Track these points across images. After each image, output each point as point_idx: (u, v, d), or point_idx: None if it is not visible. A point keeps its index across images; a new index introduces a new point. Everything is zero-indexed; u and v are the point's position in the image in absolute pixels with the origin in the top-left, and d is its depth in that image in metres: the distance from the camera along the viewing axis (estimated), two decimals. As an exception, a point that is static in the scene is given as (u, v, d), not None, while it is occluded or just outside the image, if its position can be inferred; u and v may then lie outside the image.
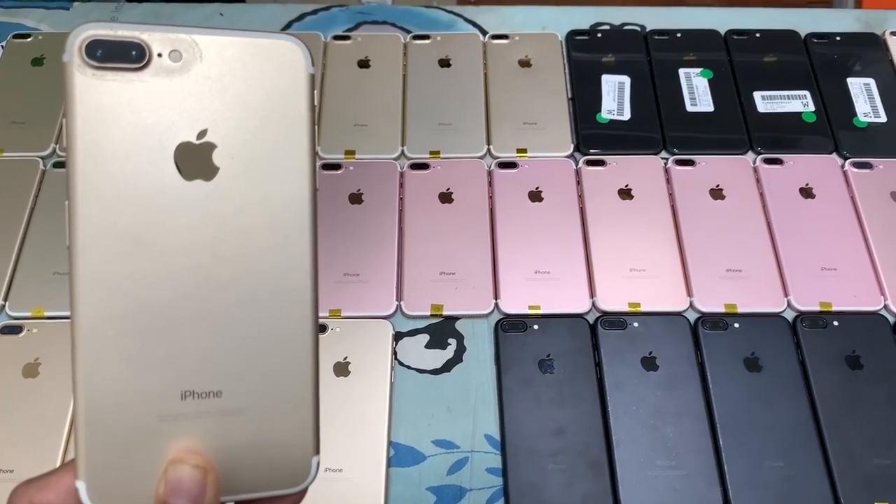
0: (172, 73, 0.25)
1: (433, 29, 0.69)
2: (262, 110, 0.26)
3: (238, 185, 0.26)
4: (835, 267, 0.56)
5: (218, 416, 0.26)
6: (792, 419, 0.50)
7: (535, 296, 0.55)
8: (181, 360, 0.25)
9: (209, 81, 0.25)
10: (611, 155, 0.61)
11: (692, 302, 0.55)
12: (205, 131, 0.25)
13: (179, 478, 0.25)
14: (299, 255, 0.26)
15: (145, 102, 0.25)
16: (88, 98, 0.24)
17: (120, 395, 0.25)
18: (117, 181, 0.25)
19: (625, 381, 0.52)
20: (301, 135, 0.26)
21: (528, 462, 0.49)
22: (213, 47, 0.25)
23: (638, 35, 0.69)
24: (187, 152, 0.25)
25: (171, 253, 0.25)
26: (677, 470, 0.49)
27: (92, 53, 0.24)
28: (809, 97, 0.64)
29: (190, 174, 0.25)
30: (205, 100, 0.25)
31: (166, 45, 0.25)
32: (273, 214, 0.26)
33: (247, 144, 0.26)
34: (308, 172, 0.26)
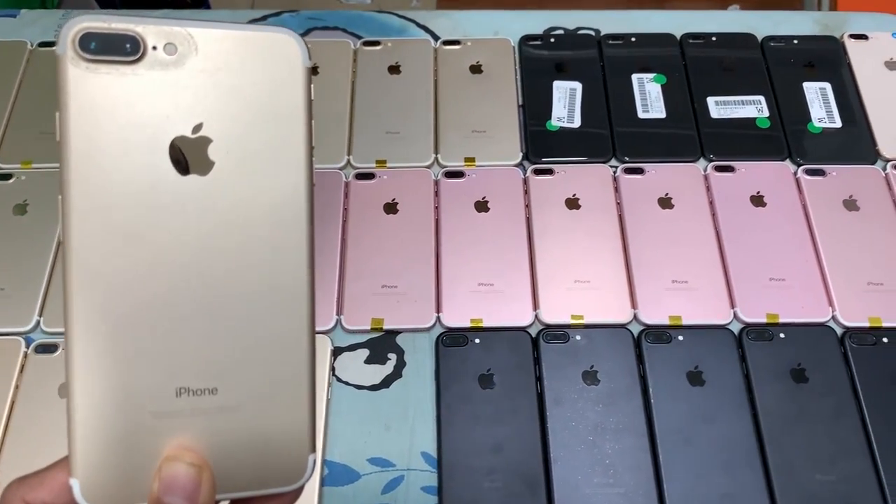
0: (167, 66, 0.24)
1: (385, 35, 0.68)
2: (259, 104, 0.25)
3: (234, 180, 0.25)
4: (783, 277, 0.55)
5: (213, 414, 0.25)
6: (734, 434, 0.49)
7: (478, 309, 0.54)
8: (176, 356, 0.25)
9: (204, 75, 0.25)
10: (560, 163, 0.60)
11: (636, 314, 0.54)
12: (200, 125, 0.25)
13: (174, 475, 0.25)
14: (296, 251, 0.26)
15: (140, 96, 0.24)
16: (82, 91, 0.24)
17: (114, 391, 0.25)
18: (111, 176, 0.24)
19: (565, 396, 0.51)
20: (298, 129, 0.26)
21: (464, 480, 0.48)
22: (209, 40, 0.25)
23: (592, 39, 0.67)
24: (182, 146, 0.25)
25: (166, 248, 0.25)
26: (615, 488, 0.48)
27: (86, 46, 0.24)
28: (764, 102, 0.63)
29: (184, 168, 0.25)
30: (200, 93, 0.25)
31: (161, 38, 0.24)
32: (269, 210, 0.25)
33: (243, 139, 0.25)
34: (305, 167, 0.26)
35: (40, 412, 0.50)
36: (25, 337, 0.53)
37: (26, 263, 0.56)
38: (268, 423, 0.26)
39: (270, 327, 0.26)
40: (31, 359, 0.52)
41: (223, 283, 0.25)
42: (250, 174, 0.25)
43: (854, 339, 0.52)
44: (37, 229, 0.57)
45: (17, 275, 0.55)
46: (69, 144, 0.24)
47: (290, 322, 0.26)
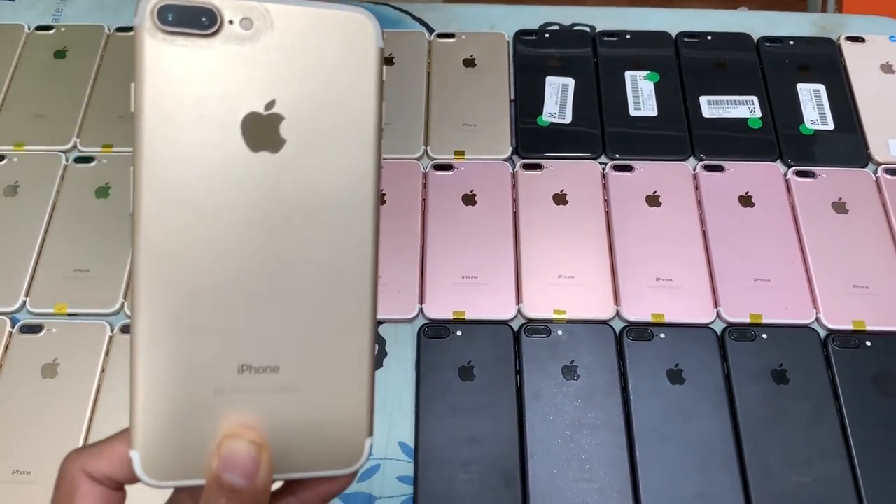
0: (243, 40, 0.24)
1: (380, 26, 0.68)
2: (332, 83, 0.25)
3: (304, 159, 0.25)
4: (768, 278, 0.55)
5: (274, 393, 0.25)
6: (712, 434, 0.49)
7: (461, 301, 0.54)
8: (239, 333, 0.25)
9: (279, 51, 0.25)
10: (549, 159, 0.60)
11: (619, 311, 0.54)
12: (273, 102, 0.25)
13: (233, 453, 0.24)
14: (362, 233, 0.26)
15: (214, 70, 0.24)
16: (158, 63, 0.24)
17: (177, 366, 0.25)
18: (183, 148, 0.24)
19: (543, 390, 0.51)
20: (369, 110, 0.25)
21: (440, 471, 0.48)
22: (285, 16, 0.25)
23: (587, 36, 0.67)
24: (255, 123, 0.25)
25: (234, 225, 0.25)
26: (591, 483, 0.48)
27: (163, 17, 0.24)
28: (757, 102, 0.63)
29: (256, 145, 0.25)
30: (274, 70, 0.25)
31: (238, 13, 0.24)
32: (338, 189, 0.25)
33: (315, 117, 0.25)
34: (374, 148, 0.26)
35: (22, 392, 0.50)
36: (11, 317, 0.53)
37: (14, 246, 0.56)
38: (327, 404, 0.26)
39: (333, 308, 0.26)
40: (16, 338, 0.52)
41: (289, 262, 0.25)
42: (320, 153, 0.25)
43: (837, 341, 0.52)
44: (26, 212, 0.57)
45: (4, 255, 0.56)
46: (143, 115, 0.24)
47: (353, 304, 0.26)
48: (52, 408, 0.50)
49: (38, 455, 0.48)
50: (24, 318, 0.54)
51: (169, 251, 0.24)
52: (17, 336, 0.53)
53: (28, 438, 0.49)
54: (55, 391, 0.50)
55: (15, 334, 0.53)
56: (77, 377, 0.51)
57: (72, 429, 0.49)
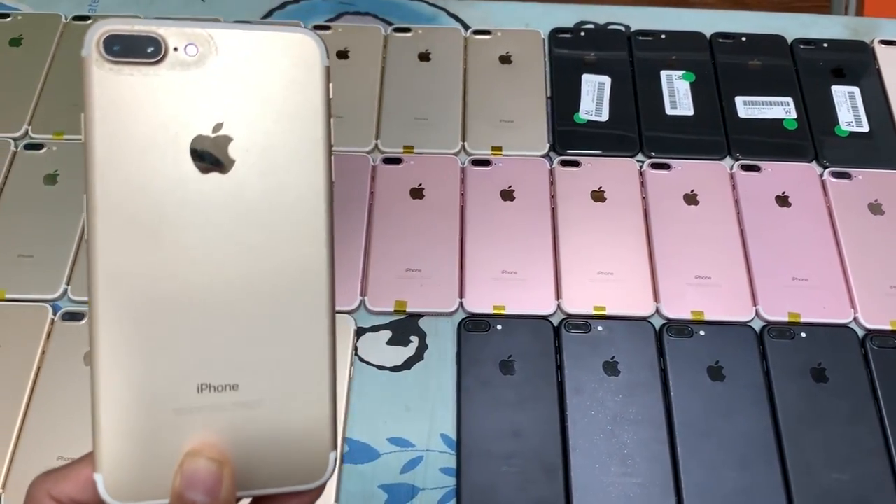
0: (188, 66, 0.25)
1: (415, 22, 0.68)
2: (278, 103, 0.26)
3: (254, 178, 0.26)
4: (806, 277, 0.55)
5: (234, 410, 0.26)
6: (752, 430, 0.50)
7: (501, 296, 0.54)
8: (197, 353, 0.25)
9: (225, 75, 0.25)
10: (586, 156, 0.60)
11: (658, 308, 0.54)
12: (220, 124, 0.25)
13: (194, 470, 0.25)
14: (315, 249, 0.26)
15: (161, 96, 0.25)
16: (106, 92, 0.25)
17: (136, 388, 0.25)
18: (134, 174, 0.25)
19: (585, 386, 0.51)
20: (316, 128, 0.26)
21: (482, 464, 0.48)
22: (229, 41, 0.25)
23: (622, 35, 0.68)
24: (203, 145, 0.25)
25: (188, 246, 0.25)
26: (633, 478, 0.48)
27: (109, 48, 0.25)
28: (792, 104, 0.63)
29: (206, 167, 0.25)
30: (220, 93, 0.25)
31: (182, 40, 0.25)
32: (289, 207, 0.26)
33: (263, 137, 0.26)
34: (323, 165, 0.26)
35: (66, 379, 0.51)
36: (52, 304, 0.54)
37: (56, 232, 0.56)
38: (289, 420, 0.26)
39: (291, 324, 0.26)
40: (58, 326, 0.52)
41: (244, 280, 0.26)
42: (270, 172, 0.26)
43: (875, 341, 0.52)
44: (66, 199, 0.58)
45: (47, 243, 0.56)
46: (93, 144, 0.25)
47: (311, 320, 0.26)
48: None
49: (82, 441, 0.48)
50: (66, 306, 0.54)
51: (124, 276, 0.25)
52: (58, 323, 0.53)
53: (72, 424, 0.49)
54: None
55: (57, 321, 0.53)
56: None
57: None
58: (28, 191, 0.58)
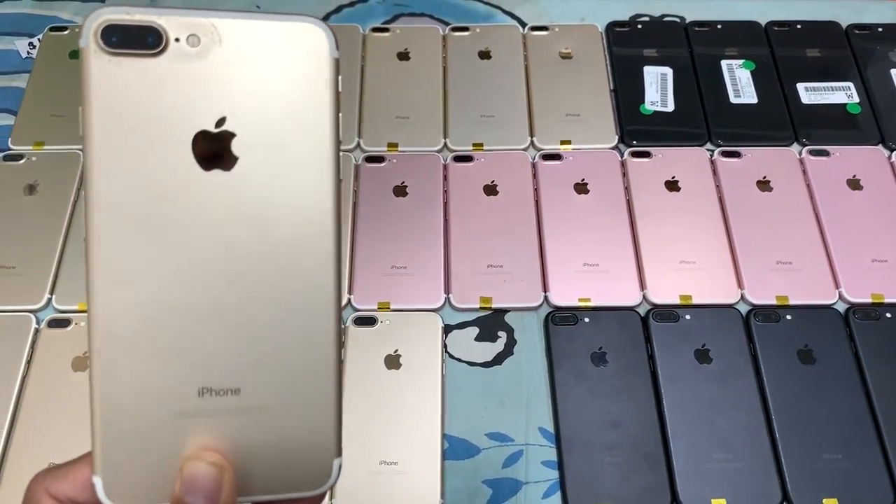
0: (190, 58, 0.24)
1: (471, 20, 0.69)
2: (284, 97, 0.24)
3: (258, 176, 0.24)
4: (885, 259, 0.56)
5: (236, 414, 0.25)
6: (848, 411, 0.50)
7: (585, 288, 0.55)
8: (199, 356, 0.24)
9: (229, 67, 0.24)
10: (656, 146, 0.61)
11: (743, 294, 0.54)
12: (223, 119, 0.24)
13: (195, 475, 0.24)
14: (322, 250, 0.25)
15: (162, 89, 0.24)
16: (104, 84, 0.24)
17: (136, 390, 0.24)
18: (134, 170, 0.24)
19: (678, 374, 0.51)
20: (324, 123, 0.25)
21: (584, 455, 0.49)
22: (233, 31, 0.24)
23: (678, 26, 0.68)
24: (205, 141, 0.24)
25: (189, 246, 0.24)
26: (734, 462, 0.48)
27: (108, 39, 0.23)
28: (853, 88, 0.64)
29: (208, 164, 0.24)
30: (224, 86, 0.24)
31: (184, 30, 0.24)
32: (295, 206, 0.25)
33: (268, 133, 0.24)
34: (331, 163, 0.25)
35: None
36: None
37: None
38: (292, 425, 0.25)
39: (295, 327, 0.25)
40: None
41: (247, 281, 0.25)
42: (276, 170, 0.24)
43: (961, 319, 0.53)
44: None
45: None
46: (92, 138, 0.24)
47: (316, 322, 0.25)
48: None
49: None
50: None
51: (123, 275, 0.24)
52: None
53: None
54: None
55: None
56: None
57: None
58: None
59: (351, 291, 0.54)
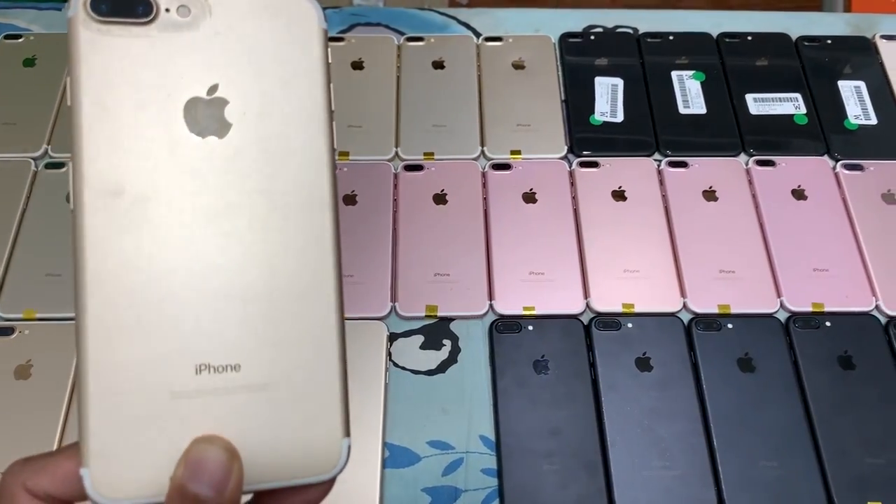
0: (181, 27, 0.24)
1: (427, 31, 0.69)
2: (276, 65, 0.24)
3: (252, 143, 0.24)
4: (827, 268, 0.56)
5: (236, 394, 0.23)
6: (785, 419, 0.51)
7: (530, 297, 0.55)
8: (194, 330, 0.23)
9: (219, 36, 0.24)
10: (604, 157, 0.61)
11: (685, 303, 0.55)
12: (216, 86, 0.24)
13: (202, 459, 0.22)
14: (319, 215, 0.24)
15: (153, 58, 0.24)
16: (93, 54, 0.23)
17: (128, 370, 0.23)
18: (124, 138, 0.23)
19: (619, 382, 0.52)
20: (316, 89, 0.25)
21: (523, 463, 0.49)
22: (223, 1, 0.24)
23: (630, 37, 0.69)
24: (198, 108, 0.24)
25: (182, 214, 0.23)
26: (672, 470, 0.49)
27: (97, 7, 0.23)
28: (801, 100, 0.65)
29: (202, 131, 0.24)
30: (215, 54, 0.24)
31: (174, 1, 0.24)
32: (290, 173, 0.24)
33: (260, 100, 0.24)
34: (325, 128, 0.25)
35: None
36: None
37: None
38: (296, 403, 0.24)
39: (296, 299, 0.24)
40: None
41: (243, 252, 0.24)
42: (269, 136, 0.24)
43: (899, 327, 0.54)
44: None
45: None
46: (81, 107, 0.23)
47: (317, 294, 0.24)
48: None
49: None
50: None
51: (113, 246, 0.23)
52: None
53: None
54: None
55: None
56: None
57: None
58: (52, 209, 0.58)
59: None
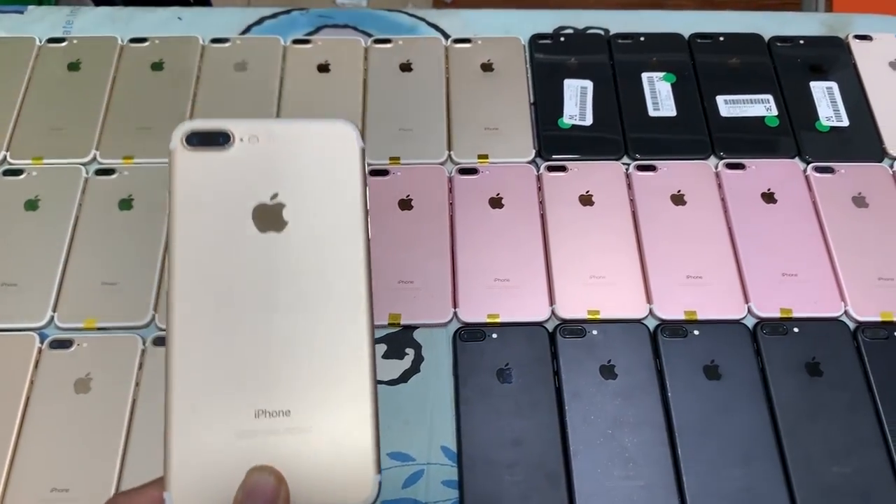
0: (251, 151, 0.31)
1: (395, 33, 0.68)
2: (323, 176, 0.31)
3: (304, 236, 0.31)
4: (796, 273, 0.56)
5: (287, 434, 0.29)
6: (751, 428, 0.50)
7: (495, 304, 0.54)
8: (256, 383, 0.30)
9: (279, 156, 0.32)
10: (572, 160, 0.61)
11: (652, 309, 0.54)
12: (276, 194, 0.31)
13: (256, 482, 0.28)
14: (355, 293, 0.31)
15: (230, 174, 0.31)
16: (186, 172, 0.31)
17: (205, 415, 0.29)
18: (207, 233, 0.31)
19: (583, 390, 0.51)
20: (355, 195, 0.32)
21: (485, 474, 0.48)
22: (283, 130, 0.32)
23: (601, 39, 0.68)
24: (263, 211, 0.31)
25: (249, 292, 0.30)
26: (635, 480, 0.48)
27: (190, 140, 0.31)
28: (773, 101, 0.64)
29: (265, 227, 0.31)
30: (276, 170, 0.31)
31: (246, 132, 0.32)
32: (334, 258, 0.31)
33: (311, 204, 0.31)
34: (361, 224, 0.31)
35: (56, 408, 0.50)
36: (39, 332, 0.53)
37: (38, 261, 0.55)
38: (335, 443, 0.29)
39: (336, 357, 0.30)
40: (46, 354, 0.52)
41: (295, 320, 0.30)
42: (318, 231, 0.31)
43: (867, 333, 0.53)
44: (48, 226, 0.57)
45: (30, 270, 0.55)
46: (175, 211, 0.31)
47: (353, 353, 0.30)
48: (87, 423, 0.49)
49: (75, 472, 0.48)
50: (53, 333, 0.53)
51: (197, 317, 0.30)
52: (46, 352, 0.52)
53: (64, 455, 0.48)
54: (89, 406, 0.50)
55: (45, 350, 0.52)
56: (111, 391, 0.50)
57: (109, 443, 0.49)
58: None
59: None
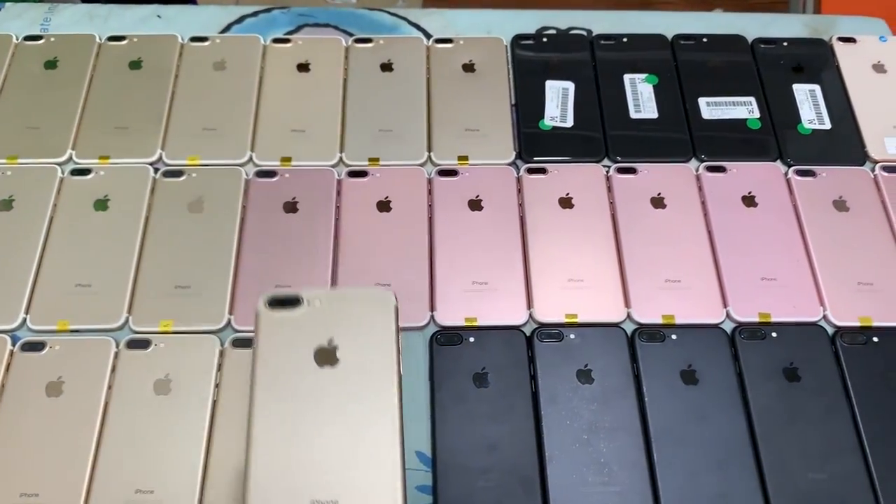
0: (315, 309, 0.42)
1: (376, 32, 0.68)
2: (367, 326, 0.42)
3: (352, 370, 0.41)
4: (775, 277, 0.55)
5: None
6: (728, 433, 0.50)
7: (472, 308, 0.54)
8: (312, 479, 0.38)
9: (336, 313, 0.42)
10: (553, 163, 0.60)
11: (630, 313, 0.54)
12: (332, 339, 0.42)
13: None
14: (390, 412, 0.40)
15: (299, 327, 0.42)
16: (267, 327, 0.42)
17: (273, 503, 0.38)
18: (282, 370, 0.41)
19: (559, 395, 0.51)
20: (391, 340, 0.42)
21: (459, 480, 0.48)
22: (339, 296, 0.44)
23: (584, 40, 0.68)
24: (322, 351, 0.41)
25: (310, 411, 0.40)
26: (610, 486, 0.48)
27: (272, 304, 0.42)
28: (755, 103, 0.64)
29: (322, 364, 0.41)
30: (332, 322, 0.42)
31: (312, 296, 0.43)
32: (374, 387, 0.41)
33: (359, 347, 0.42)
34: (395, 361, 0.42)
35: (27, 411, 0.49)
36: (11, 335, 0.52)
37: (11, 262, 0.55)
38: None
39: (374, 461, 0.39)
40: (18, 357, 0.51)
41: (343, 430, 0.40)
42: (362, 368, 0.41)
43: (845, 338, 0.53)
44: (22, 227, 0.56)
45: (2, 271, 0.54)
46: (258, 357, 0.41)
47: (387, 457, 0.39)
48: (59, 427, 0.49)
49: (44, 476, 0.47)
50: (25, 335, 0.52)
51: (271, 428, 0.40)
52: (18, 354, 0.51)
53: (34, 459, 0.48)
54: (61, 410, 0.49)
55: (17, 353, 0.51)
56: (83, 395, 0.50)
57: (79, 447, 0.48)
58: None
59: (232, 312, 0.53)
